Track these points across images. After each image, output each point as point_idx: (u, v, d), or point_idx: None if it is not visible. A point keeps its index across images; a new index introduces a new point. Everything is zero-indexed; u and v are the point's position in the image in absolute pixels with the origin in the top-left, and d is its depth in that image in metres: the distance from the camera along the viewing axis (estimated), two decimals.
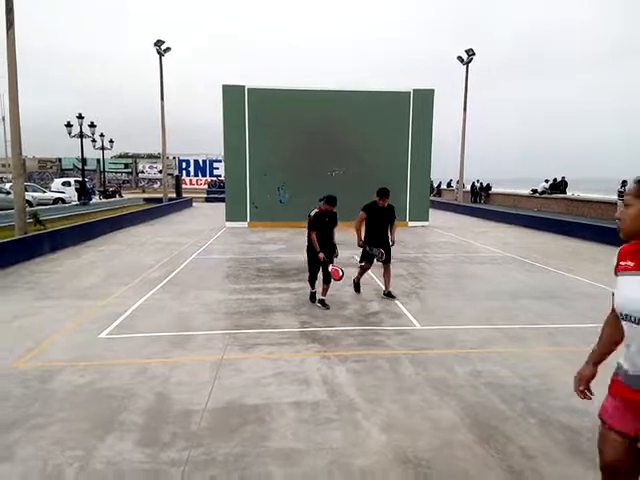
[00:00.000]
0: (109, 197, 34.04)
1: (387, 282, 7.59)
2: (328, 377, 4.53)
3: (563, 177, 24.75)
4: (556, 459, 3.24)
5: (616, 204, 17.34)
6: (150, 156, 54.49)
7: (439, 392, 4.23)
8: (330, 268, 6.72)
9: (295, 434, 3.53)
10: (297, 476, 3.04)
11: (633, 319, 1.86)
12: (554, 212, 21.34)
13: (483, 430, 3.60)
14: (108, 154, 42.46)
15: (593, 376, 2.24)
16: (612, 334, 2.18)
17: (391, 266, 7.73)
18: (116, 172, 50.98)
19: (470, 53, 26.66)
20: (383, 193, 7.31)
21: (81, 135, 27.28)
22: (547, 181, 24.90)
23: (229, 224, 17.59)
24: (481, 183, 32.00)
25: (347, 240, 10.46)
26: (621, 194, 16.95)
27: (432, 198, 24.88)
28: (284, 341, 5.53)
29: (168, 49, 25.81)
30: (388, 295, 7.49)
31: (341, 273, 6.69)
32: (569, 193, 23.98)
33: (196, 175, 49.94)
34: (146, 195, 36.72)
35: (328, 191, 7.17)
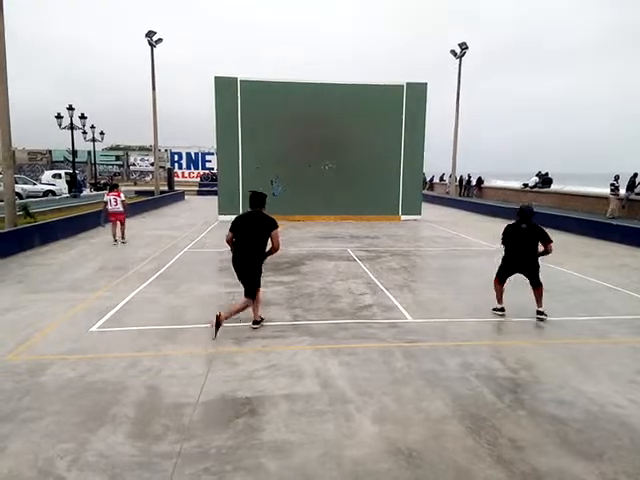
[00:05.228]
0: (100, 189, 33.75)
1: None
2: (321, 370, 4.55)
3: (546, 173, 24.91)
4: (546, 450, 3.28)
5: (607, 198, 17.43)
6: (142, 148, 53.99)
7: (430, 384, 4.26)
8: None
9: (288, 426, 3.54)
10: (290, 467, 3.06)
11: None
12: (545, 206, 21.47)
13: (474, 421, 3.64)
14: (99, 146, 42.06)
15: None
16: None
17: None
18: (107, 164, 50.49)
19: (463, 47, 26.61)
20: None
21: (71, 127, 27.00)
22: (539, 175, 25.03)
23: (222, 217, 17.48)
24: (470, 176, 32.06)
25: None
26: (614, 188, 17.02)
27: (425, 192, 24.93)
28: (277, 334, 5.54)
29: (160, 40, 25.48)
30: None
31: None
32: (558, 187, 24.12)
33: (188, 168, 49.59)
34: (138, 188, 36.43)
35: (322, 185, 7.04)
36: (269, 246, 5.64)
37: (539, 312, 6.28)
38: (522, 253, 6.40)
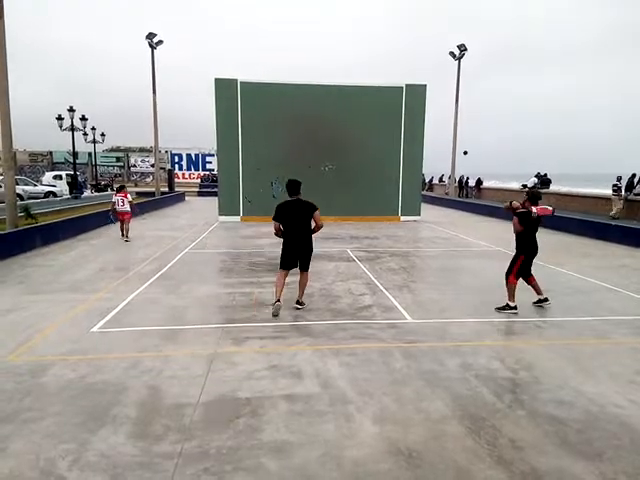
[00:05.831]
0: (101, 191, 33.76)
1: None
2: (321, 370, 4.56)
3: (545, 173, 25.01)
4: (545, 450, 3.29)
5: (610, 199, 17.41)
6: (142, 150, 54.05)
7: (430, 385, 4.27)
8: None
9: (288, 427, 3.55)
10: (290, 468, 3.07)
11: None
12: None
13: (473, 422, 3.65)
14: (100, 147, 42.05)
15: None
16: None
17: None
18: (108, 166, 50.55)
19: (462, 48, 26.62)
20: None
21: (72, 128, 26.99)
22: (537, 176, 25.08)
23: (222, 218, 17.53)
24: (468, 178, 32.10)
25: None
26: (616, 189, 17.00)
27: (424, 193, 24.96)
28: (277, 335, 5.55)
29: (160, 42, 25.49)
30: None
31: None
32: (556, 187, 24.20)
33: (189, 169, 49.67)
34: (138, 189, 36.42)
35: (321, 186, 7.16)
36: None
37: (544, 300, 6.69)
38: (535, 241, 6.57)
